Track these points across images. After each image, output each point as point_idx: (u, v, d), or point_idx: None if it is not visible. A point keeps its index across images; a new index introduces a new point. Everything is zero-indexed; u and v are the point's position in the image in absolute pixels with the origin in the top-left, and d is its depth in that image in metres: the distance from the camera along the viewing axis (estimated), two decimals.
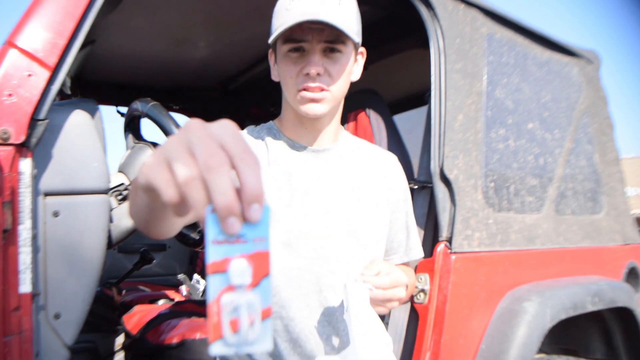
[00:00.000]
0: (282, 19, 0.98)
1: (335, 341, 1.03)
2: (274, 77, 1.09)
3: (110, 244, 1.42)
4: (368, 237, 1.09)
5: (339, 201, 1.08)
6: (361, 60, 1.12)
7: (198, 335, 1.44)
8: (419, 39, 1.54)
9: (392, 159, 1.22)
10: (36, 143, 0.94)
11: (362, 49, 1.10)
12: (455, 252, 1.35)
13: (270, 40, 1.03)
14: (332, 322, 1.03)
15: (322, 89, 1.01)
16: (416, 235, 1.23)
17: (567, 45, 1.93)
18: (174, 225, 0.78)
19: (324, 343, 1.02)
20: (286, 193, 1.05)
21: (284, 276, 1.02)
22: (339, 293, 1.03)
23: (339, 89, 1.03)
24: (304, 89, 1.00)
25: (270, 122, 1.16)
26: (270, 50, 1.09)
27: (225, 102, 2.70)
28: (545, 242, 1.65)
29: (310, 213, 1.04)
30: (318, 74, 0.99)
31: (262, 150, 1.09)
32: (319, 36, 0.98)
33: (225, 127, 0.45)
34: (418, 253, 1.22)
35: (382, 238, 1.13)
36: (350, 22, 1.00)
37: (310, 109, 1.02)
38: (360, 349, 0.86)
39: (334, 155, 1.12)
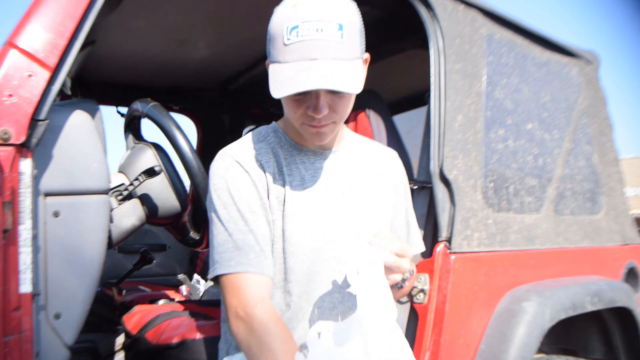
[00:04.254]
0: (280, 55, 0.92)
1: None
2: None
3: (110, 244, 1.42)
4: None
5: (346, 202, 1.09)
6: (365, 67, 1.07)
7: (198, 335, 1.44)
8: (419, 39, 1.54)
9: (393, 155, 1.23)
10: (36, 143, 0.94)
11: (366, 56, 1.06)
12: (454, 252, 1.35)
13: (267, 63, 0.98)
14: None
15: (326, 124, 0.99)
16: (416, 230, 1.24)
17: (567, 45, 1.93)
18: None
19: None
20: (295, 196, 1.05)
21: (292, 281, 1.03)
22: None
23: (344, 116, 1.02)
24: (308, 125, 0.99)
25: (274, 123, 1.16)
26: (267, 62, 1.00)
27: (225, 102, 2.70)
28: (544, 242, 1.65)
29: (319, 215, 1.05)
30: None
31: (271, 155, 1.09)
32: None
33: None
34: (419, 247, 1.23)
35: None
36: (354, 45, 0.95)
37: (317, 139, 1.02)
38: (365, 315, 0.86)
39: (339, 156, 1.13)
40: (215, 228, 1.00)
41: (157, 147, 1.60)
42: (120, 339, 1.77)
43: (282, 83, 0.91)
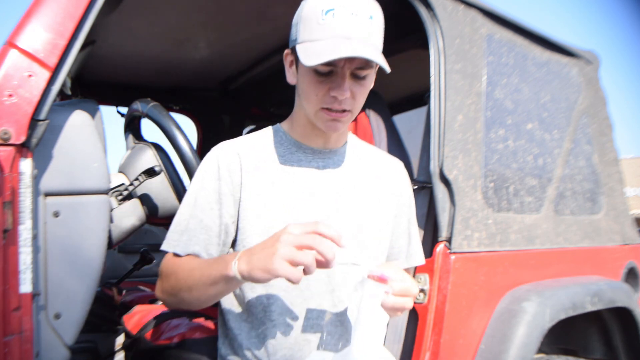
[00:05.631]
0: (313, 34, 0.95)
1: (346, 340, 1.04)
2: (290, 80, 1.06)
3: (110, 244, 1.42)
4: (371, 239, 1.10)
5: (345, 203, 1.09)
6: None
7: (198, 335, 1.44)
8: (419, 39, 1.54)
9: (399, 166, 1.23)
10: (36, 143, 0.94)
11: None
12: (454, 252, 1.35)
13: (290, 48, 1.01)
14: (344, 322, 1.05)
15: (345, 110, 1.00)
16: (418, 242, 1.23)
17: (567, 45, 1.93)
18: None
19: (334, 342, 1.03)
20: (292, 195, 1.05)
21: None
22: (351, 293, 1.04)
23: (359, 107, 1.04)
24: (327, 109, 1.00)
25: (277, 124, 1.16)
26: (287, 52, 1.05)
27: (225, 102, 2.70)
28: (544, 242, 1.65)
29: (316, 215, 1.05)
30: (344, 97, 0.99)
31: (261, 153, 1.09)
32: (350, 64, 0.95)
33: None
34: (419, 260, 1.22)
35: (385, 242, 1.14)
36: (379, 39, 0.99)
37: (332, 127, 1.03)
38: (358, 353, 0.86)
39: (341, 157, 1.13)
40: (180, 207, 1.09)
41: (157, 147, 1.61)
42: (120, 339, 1.77)
43: (315, 54, 0.92)
